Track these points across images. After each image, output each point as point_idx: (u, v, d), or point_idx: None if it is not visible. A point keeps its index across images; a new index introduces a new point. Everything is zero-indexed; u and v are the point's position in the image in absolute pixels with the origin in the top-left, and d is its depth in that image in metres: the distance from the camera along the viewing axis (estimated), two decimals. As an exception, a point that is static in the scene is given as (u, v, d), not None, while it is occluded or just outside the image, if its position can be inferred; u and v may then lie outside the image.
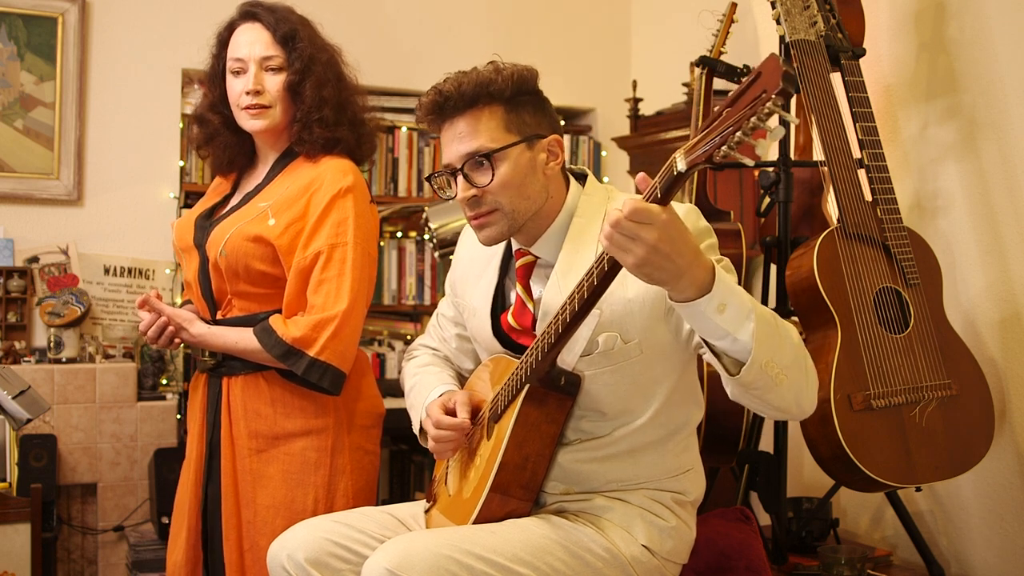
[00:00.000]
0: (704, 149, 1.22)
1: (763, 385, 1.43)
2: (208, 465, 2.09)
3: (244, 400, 2.04)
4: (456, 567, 1.51)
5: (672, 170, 1.27)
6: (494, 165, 1.63)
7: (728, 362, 1.44)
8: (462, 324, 1.95)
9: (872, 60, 2.65)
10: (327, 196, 1.98)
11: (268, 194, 2.06)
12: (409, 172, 3.75)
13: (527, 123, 1.66)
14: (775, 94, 1.13)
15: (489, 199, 1.65)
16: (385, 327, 3.75)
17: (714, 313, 1.37)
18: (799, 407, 1.51)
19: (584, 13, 4.00)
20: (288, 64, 2.03)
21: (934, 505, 2.55)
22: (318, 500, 2.01)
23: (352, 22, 3.56)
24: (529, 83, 1.68)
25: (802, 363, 1.49)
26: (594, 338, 1.62)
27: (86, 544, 3.20)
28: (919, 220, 2.59)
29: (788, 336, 1.46)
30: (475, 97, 1.63)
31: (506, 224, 1.67)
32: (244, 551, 2.02)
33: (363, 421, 2.10)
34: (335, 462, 2.03)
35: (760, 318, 1.39)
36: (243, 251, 1.99)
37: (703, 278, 1.36)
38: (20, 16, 3.25)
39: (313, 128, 2.03)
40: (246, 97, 2.03)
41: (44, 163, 3.28)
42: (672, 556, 1.71)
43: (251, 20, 2.06)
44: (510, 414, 1.63)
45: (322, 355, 1.93)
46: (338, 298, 1.95)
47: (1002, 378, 2.37)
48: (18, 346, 3.18)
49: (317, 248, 1.96)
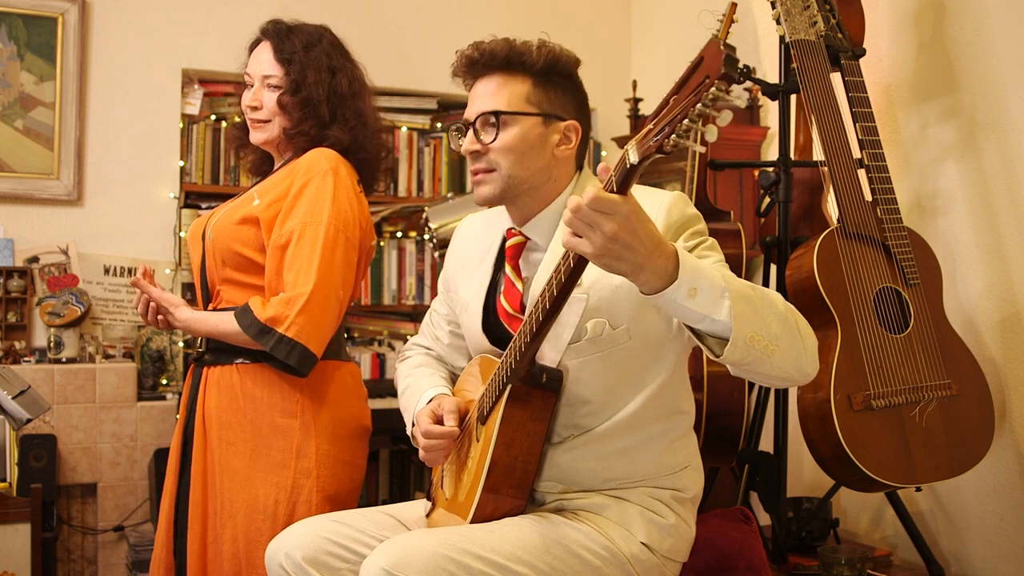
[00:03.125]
0: (655, 139, 1.22)
1: (755, 359, 1.41)
2: (183, 455, 2.11)
3: (218, 390, 2.06)
4: (454, 567, 1.51)
5: (625, 163, 1.27)
6: (502, 127, 1.68)
7: (713, 343, 1.42)
8: (455, 321, 1.95)
9: (872, 60, 2.65)
10: (306, 176, 2.03)
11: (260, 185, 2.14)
12: (409, 172, 3.75)
13: (551, 101, 1.70)
14: (717, 79, 1.13)
15: (490, 158, 1.69)
16: (385, 327, 3.75)
17: (685, 299, 1.36)
18: (800, 372, 1.50)
19: (584, 13, 4.00)
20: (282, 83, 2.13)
21: (934, 505, 2.55)
22: (279, 502, 1.99)
23: (352, 22, 3.56)
24: (563, 65, 1.72)
25: (793, 328, 1.47)
26: (582, 324, 1.62)
27: (86, 544, 3.20)
28: (919, 220, 2.59)
29: (772, 305, 1.44)
30: (507, 62, 1.69)
31: (499, 186, 1.70)
32: (208, 543, 2.03)
33: (339, 430, 2.06)
34: (300, 464, 2.01)
35: (736, 294, 1.38)
36: (227, 234, 2.04)
37: (666, 267, 1.35)
38: (20, 16, 3.25)
39: (298, 139, 2.12)
40: (247, 110, 2.15)
41: (44, 163, 3.28)
42: (672, 554, 1.70)
43: (265, 38, 2.18)
44: (495, 415, 1.63)
45: (289, 331, 1.94)
46: (307, 276, 1.96)
47: (1002, 378, 2.37)
48: (18, 346, 3.18)
49: (291, 226, 1.99)
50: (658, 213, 1.62)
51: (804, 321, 1.52)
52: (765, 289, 1.48)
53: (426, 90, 3.74)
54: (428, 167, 3.78)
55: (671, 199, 1.64)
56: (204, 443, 2.06)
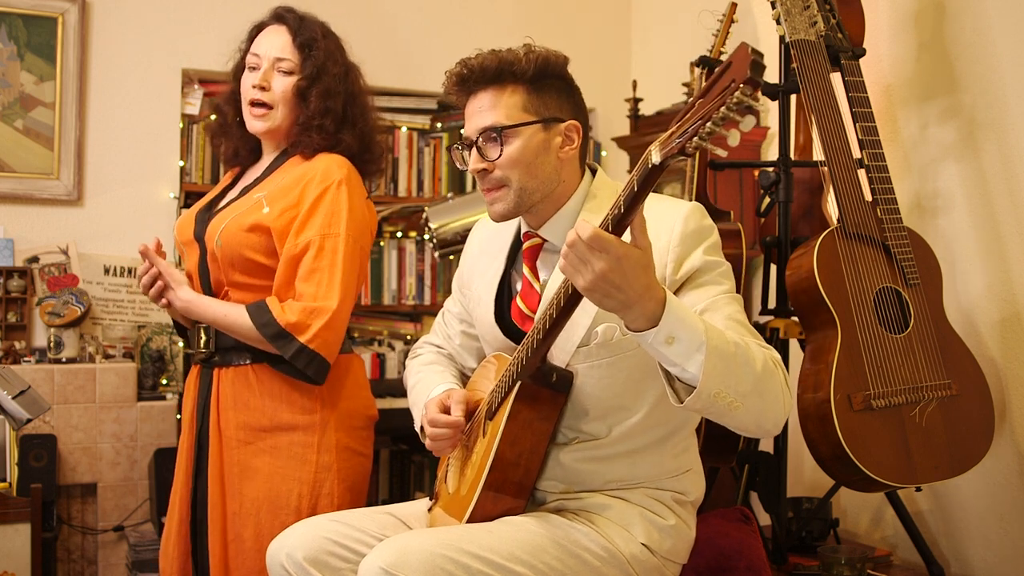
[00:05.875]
0: (677, 140, 1.23)
1: (716, 412, 1.45)
2: (197, 457, 2.11)
3: (234, 391, 2.06)
4: (452, 566, 1.51)
5: (648, 163, 1.28)
6: (505, 141, 1.68)
7: (680, 387, 1.46)
8: (467, 321, 1.96)
9: (872, 60, 2.65)
10: (321, 186, 2.01)
11: (264, 187, 2.10)
12: (409, 172, 3.75)
13: (548, 105, 1.70)
14: (743, 83, 1.13)
15: (498, 174, 1.69)
16: (385, 327, 3.75)
17: (662, 344, 1.40)
18: (760, 429, 1.53)
19: (584, 13, 4.00)
20: (300, 69, 2.09)
21: (934, 505, 2.55)
22: (302, 496, 2.01)
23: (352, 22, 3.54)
24: (554, 67, 1.71)
25: (764, 389, 1.48)
26: (593, 328, 1.63)
27: (86, 544, 3.20)
28: (919, 220, 2.59)
29: (749, 364, 1.46)
30: (498, 74, 1.69)
31: (513, 200, 1.70)
32: (228, 542, 2.03)
33: (353, 422, 2.10)
34: (321, 459, 2.03)
35: (713, 350, 1.40)
36: (238, 240, 2.02)
37: (653, 310, 1.38)
38: (20, 16, 3.25)
39: (312, 134, 2.08)
40: (252, 91, 2.09)
41: (44, 163, 3.28)
42: (671, 555, 1.71)
43: (278, 22, 2.13)
44: (503, 411, 1.64)
45: (312, 343, 1.95)
46: (331, 289, 1.97)
47: (1002, 378, 2.37)
48: (18, 346, 3.18)
49: (308, 237, 1.98)
50: (676, 222, 1.63)
51: (781, 382, 1.53)
52: (748, 344, 1.49)
53: (426, 90, 3.74)
54: (428, 167, 3.78)
55: (689, 209, 1.65)
56: (220, 445, 2.06)
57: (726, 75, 1.18)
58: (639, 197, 1.32)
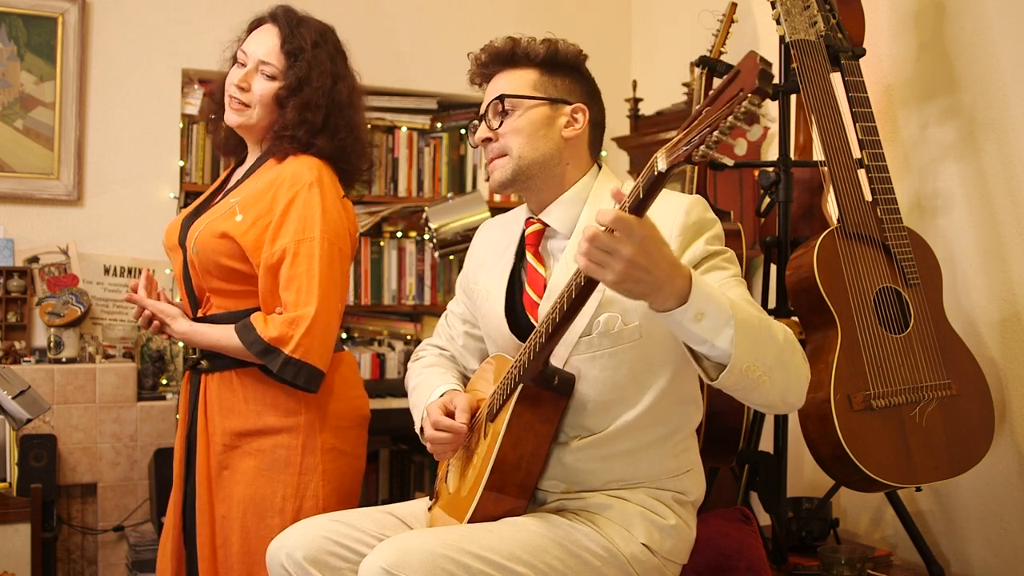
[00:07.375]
0: (684, 148, 1.23)
1: (745, 387, 1.45)
2: (187, 461, 2.11)
3: (219, 396, 2.06)
4: (453, 566, 1.51)
5: (654, 170, 1.28)
6: (509, 111, 1.74)
7: (708, 366, 1.45)
8: (471, 321, 1.96)
9: (872, 60, 2.65)
10: (291, 191, 2.00)
11: (240, 191, 2.09)
12: (409, 172, 3.75)
13: (556, 88, 1.77)
14: (751, 93, 1.13)
15: (501, 143, 1.75)
16: (385, 327, 3.75)
17: (691, 322, 1.39)
18: (785, 403, 1.53)
19: (584, 13, 4.00)
20: (283, 76, 2.07)
21: (934, 505, 2.55)
22: (286, 499, 2.00)
23: (352, 22, 3.55)
24: (564, 55, 1.79)
25: (788, 361, 1.49)
26: (595, 318, 1.63)
27: (86, 544, 3.20)
28: (919, 220, 2.59)
29: (772, 336, 1.47)
30: (511, 56, 1.78)
31: (511, 168, 1.74)
32: (216, 547, 2.03)
33: (339, 422, 2.08)
34: (305, 461, 2.02)
35: (741, 324, 1.40)
36: (212, 248, 2.01)
37: (682, 287, 1.38)
38: (20, 16, 3.25)
39: (284, 143, 2.07)
40: (232, 88, 2.09)
41: (44, 163, 3.28)
42: (672, 555, 1.70)
43: (272, 22, 2.11)
44: (504, 414, 1.64)
45: (296, 352, 1.94)
46: (309, 295, 1.96)
47: (1002, 378, 2.37)
48: (18, 346, 3.18)
49: (283, 244, 1.97)
50: (677, 213, 1.64)
51: (801, 353, 1.54)
52: (767, 317, 1.50)
53: (426, 90, 3.74)
54: (428, 167, 3.78)
55: (690, 201, 1.67)
56: (207, 449, 2.06)
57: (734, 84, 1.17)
58: (644, 203, 1.31)
